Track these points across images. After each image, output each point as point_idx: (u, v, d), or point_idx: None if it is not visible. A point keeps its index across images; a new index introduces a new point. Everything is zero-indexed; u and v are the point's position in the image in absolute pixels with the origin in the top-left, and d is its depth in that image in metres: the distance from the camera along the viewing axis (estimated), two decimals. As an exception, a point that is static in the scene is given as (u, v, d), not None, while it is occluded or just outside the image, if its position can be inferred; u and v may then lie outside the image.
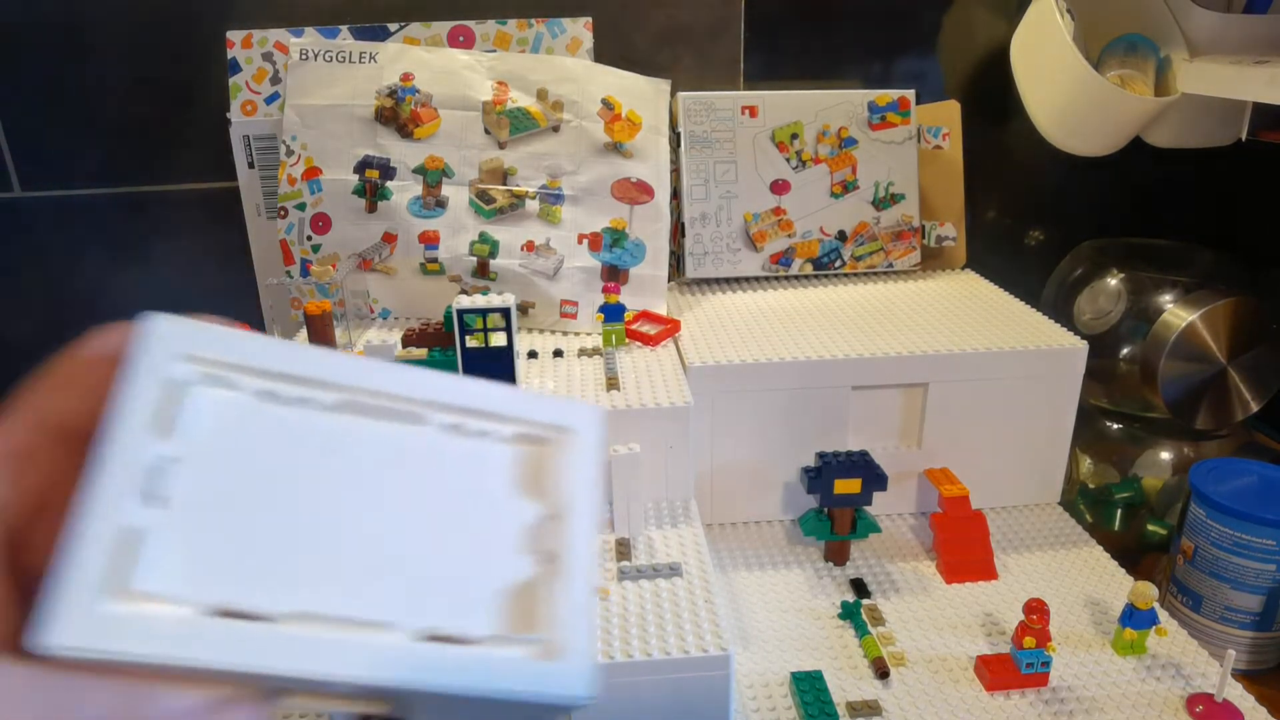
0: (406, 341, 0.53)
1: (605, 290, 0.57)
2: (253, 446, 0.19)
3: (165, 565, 0.17)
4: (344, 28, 0.63)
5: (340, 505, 0.19)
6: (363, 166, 0.60)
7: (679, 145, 0.65)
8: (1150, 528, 0.61)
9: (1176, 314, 0.59)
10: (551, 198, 0.61)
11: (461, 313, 0.47)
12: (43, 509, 0.19)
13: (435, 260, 0.61)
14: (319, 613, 0.18)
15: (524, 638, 0.19)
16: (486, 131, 0.61)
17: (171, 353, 0.18)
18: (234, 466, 0.18)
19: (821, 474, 0.51)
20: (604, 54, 0.64)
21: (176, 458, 0.18)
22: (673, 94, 0.64)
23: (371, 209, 0.60)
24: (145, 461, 0.17)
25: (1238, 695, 0.43)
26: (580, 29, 0.64)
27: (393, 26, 0.63)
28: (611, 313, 0.56)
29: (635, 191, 0.62)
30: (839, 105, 0.65)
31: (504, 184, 0.61)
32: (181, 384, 0.18)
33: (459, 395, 0.20)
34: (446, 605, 0.19)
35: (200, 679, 0.17)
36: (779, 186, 0.66)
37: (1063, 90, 0.59)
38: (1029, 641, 0.44)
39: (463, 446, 0.21)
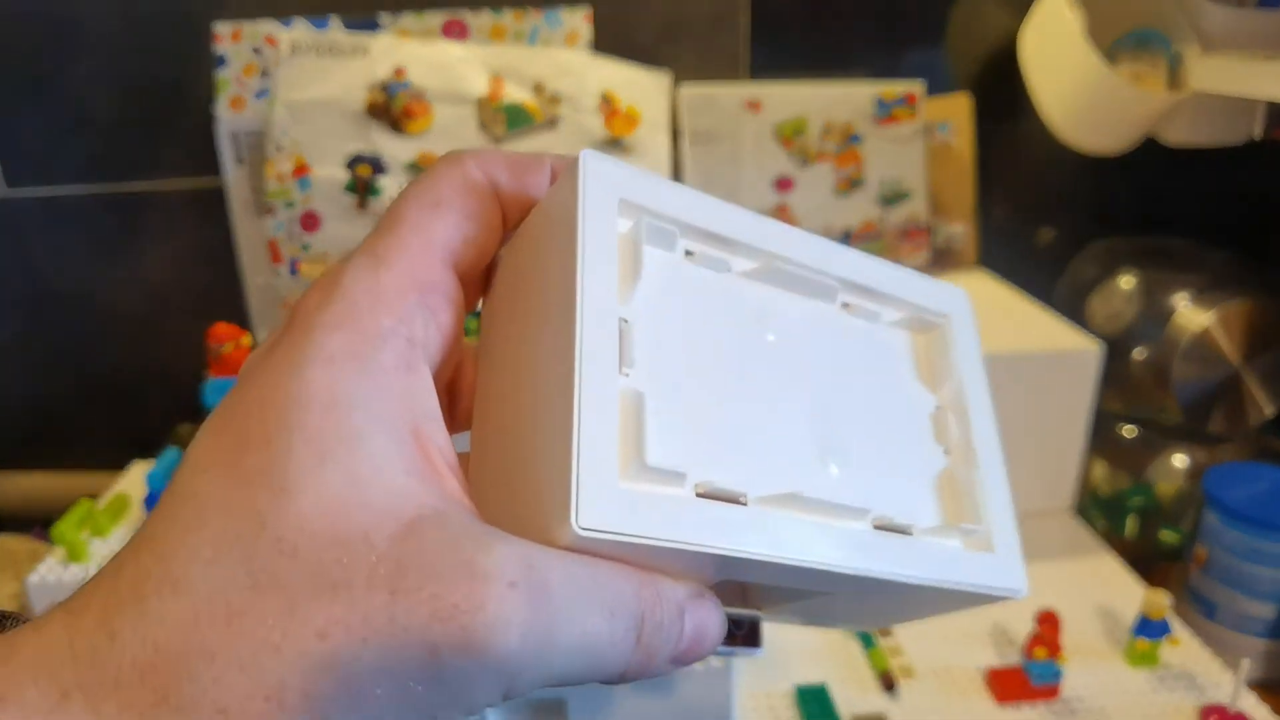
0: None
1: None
2: (688, 311, 0.17)
3: (662, 440, 0.15)
4: (335, 19, 0.61)
5: (780, 382, 0.17)
6: (353, 163, 0.59)
7: (680, 140, 0.64)
8: (1163, 535, 0.61)
9: (1190, 315, 0.58)
10: (549, 195, 0.60)
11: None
12: (454, 354, 0.17)
13: (429, 259, 0.59)
14: (796, 495, 0.16)
15: (961, 528, 0.18)
16: (482, 127, 0.59)
17: (612, 198, 0.16)
18: (676, 332, 0.16)
19: None
20: (603, 46, 0.63)
21: (632, 320, 0.16)
22: (674, 87, 0.63)
23: (362, 206, 0.59)
24: (614, 324, 0.15)
25: (1252, 705, 0.42)
26: (578, 20, 0.62)
27: (384, 18, 0.61)
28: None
29: (635, 189, 0.60)
30: (844, 100, 0.64)
31: (500, 181, 0.60)
32: (633, 238, 0.16)
33: (853, 270, 0.19)
34: (893, 493, 0.18)
35: (680, 567, 0.15)
36: (783, 184, 0.65)
37: (1074, 86, 0.57)
38: (1040, 653, 0.44)
39: (864, 328, 0.20)
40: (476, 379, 0.18)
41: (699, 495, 0.15)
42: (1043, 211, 0.72)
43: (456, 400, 0.18)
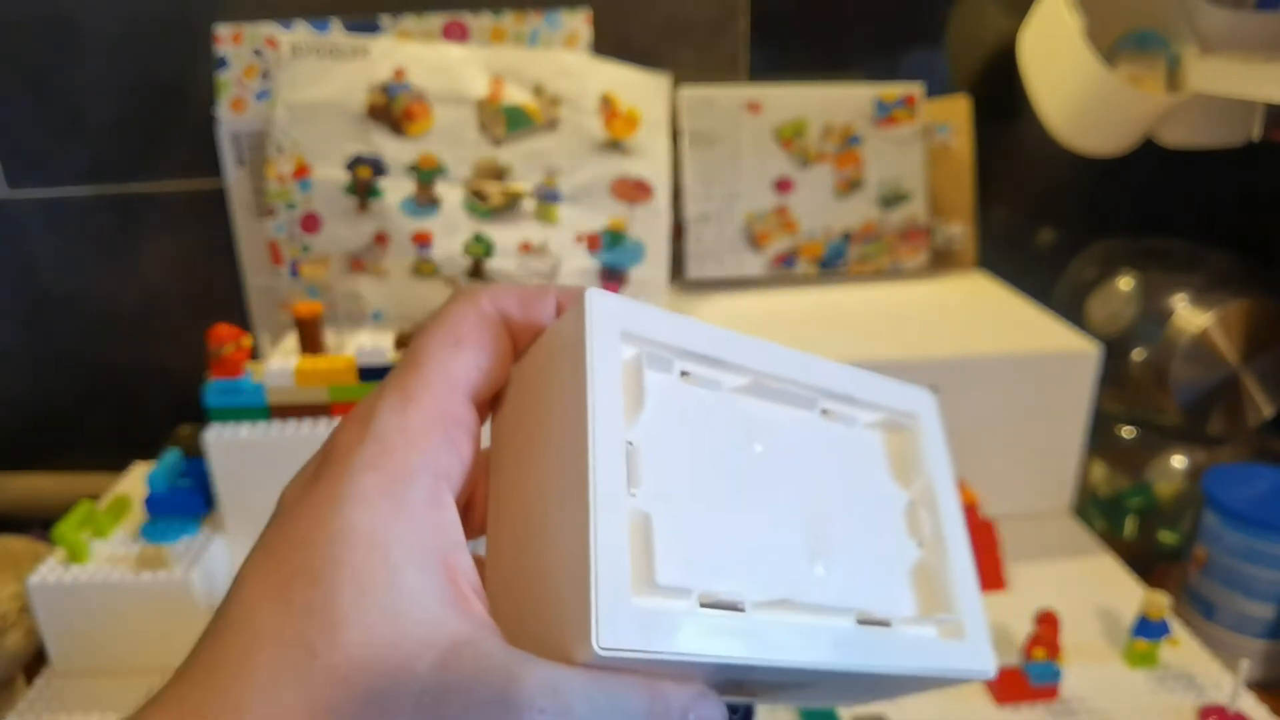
0: (399, 344, 0.52)
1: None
2: (685, 428, 0.18)
3: (670, 557, 0.16)
4: (335, 21, 0.61)
5: (769, 489, 0.19)
6: (354, 164, 0.59)
7: (679, 142, 0.64)
8: (1163, 535, 0.61)
9: (1189, 316, 0.58)
10: (548, 196, 0.60)
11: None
12: (473, 479, 0.18)
13: (429, 261, 0.59)
14: (789, 600, 0.17)
15: (936, 618, 0.20)
16: (482, 128, 0.60)
17: (615, 331, 0.17)
18: (676, 450, 0.18)
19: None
20: (603, 48, 0.63)
21: (637, 443, 0.17)
22: (674, 89, 0.63)
23: (363, 208, 0.59)
24: (622, 447, 0.16)
25: (1251, 706, 0.42)
26: (579, 22, 0.63)
27: (385, 20, 0.61)
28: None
29: (635, 190, 0.61)
30: (844, 102, 0.64)
31: (499, 181, 0.60)
32: (636, 366, 0.18)
33: (830, 379, 0.21)
34: (873, 588, 0.19)
35: (683, 672, 0.17)
36: (782, 185, 0.65)
37: (1073, 88, 0.58)
38: (1039, 653, 0.44)
39: (842, 432, 0.21)
40: (488, 489, 0.19)
41: (702, 605, 0.16)
42: (1042, 213, 0.72)
43: (471, 509, 0.19)
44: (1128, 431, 0.64)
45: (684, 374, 0.19)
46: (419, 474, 0.16)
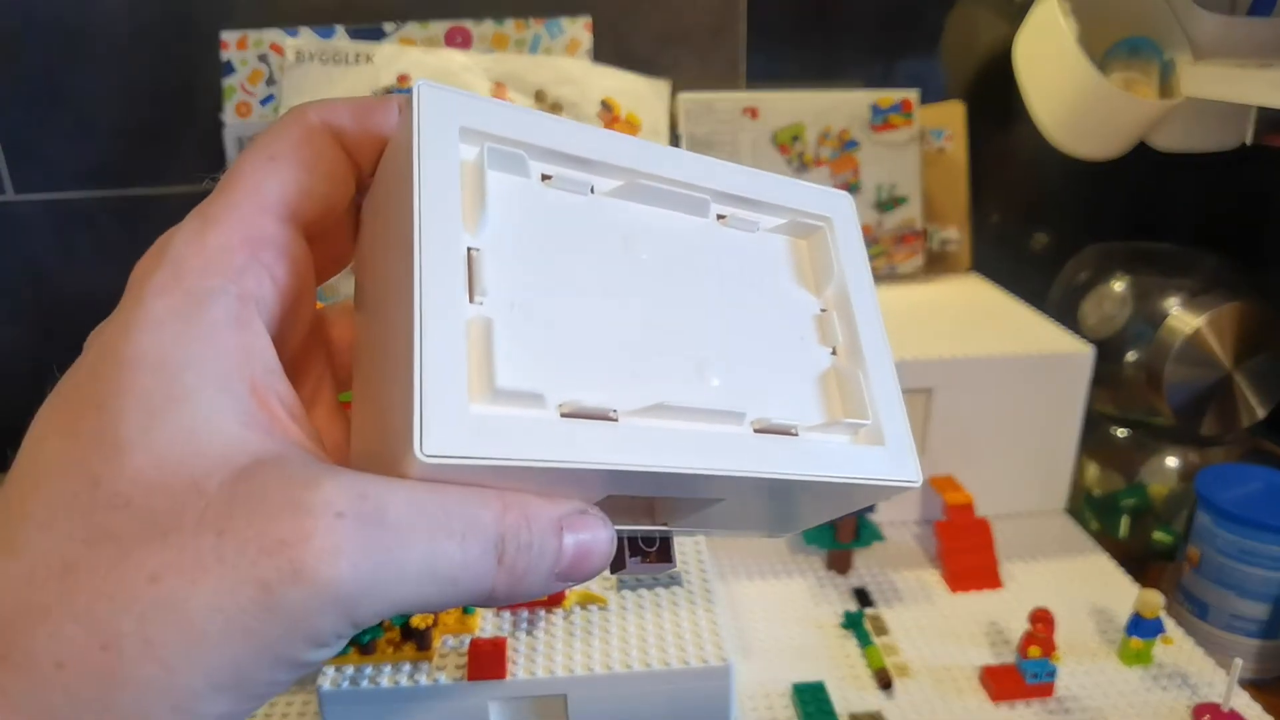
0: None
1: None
2: (550, 236, 0.17)
3: (515, 363, 0.15)
4: (340, 28, 0.62)
5: (648, 297, 0.17)
6: (359, 168, 0.59)
7: (679, 147, 0.64)
8: (1156, 535, 0.61)
9: (1182, 319, 0.59)
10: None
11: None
12: (296, 307, 0.17)
13: (432, 263, 0.60)
14: (664, 404, 0.16)
15: (847, 424, 0.18)
16: (484, 133, 0.60)
17: (451, 126, 0.16)
18: (538, 259, 0.16)
19: None
20: (603, 54, 0.64)
21: (483, 248, 0.15)
22: (673, 95, 0.64)
23: (367, 211, 0.60)
24: (460, 253, 0.15)
25: (1244, 704, 0.43)
26: (579, 29, 0.63)
27: (389, 27, 0.62)
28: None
29: (635, 194, 0.61)
30: (841, 107, 0.65)
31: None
32: (477, 167, 0.16)
33: (728, 182, 0.19)
34: (771, 396, 0.18)
35: (554, 487, 0.15)
36: (780, 189, 0.66)
37: (1067, 93, 0.58)
38: (1034, 651, 0.44)
39: (741, 239, 0.19)
40: (355, 316, 0.18)
41: (564, 415, 0.15)
42: (1035, 216, 0.73)
43: (337, 356, 0.19)
44: (1122, 432, 0.64)
45: (546, 178, 0.17)
46: (218, 295, 0.15)
